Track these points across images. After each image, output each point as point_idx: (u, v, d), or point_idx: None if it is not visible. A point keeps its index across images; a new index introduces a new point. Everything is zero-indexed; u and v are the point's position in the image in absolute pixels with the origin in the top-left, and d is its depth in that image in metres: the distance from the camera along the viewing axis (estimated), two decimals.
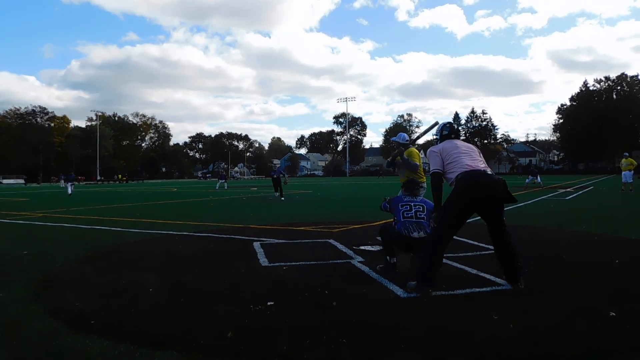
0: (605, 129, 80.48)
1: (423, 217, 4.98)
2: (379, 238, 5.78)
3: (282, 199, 19.04)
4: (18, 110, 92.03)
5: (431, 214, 4.89)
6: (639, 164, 25.95)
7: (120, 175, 74.89)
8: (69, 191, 25.43)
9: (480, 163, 4.39)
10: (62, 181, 49.52)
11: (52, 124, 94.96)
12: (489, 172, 4.30)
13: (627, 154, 22.04)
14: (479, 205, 4.26)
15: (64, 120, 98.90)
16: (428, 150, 4.67)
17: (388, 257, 5.20)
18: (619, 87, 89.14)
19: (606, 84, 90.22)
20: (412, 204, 5.08)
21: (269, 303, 3.95)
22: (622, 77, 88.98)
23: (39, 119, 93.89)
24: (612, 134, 78.97)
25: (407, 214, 5.00)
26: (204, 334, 3.27)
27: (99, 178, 76.82)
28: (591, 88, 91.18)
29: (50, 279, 5.02)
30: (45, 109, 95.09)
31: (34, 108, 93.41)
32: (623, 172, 21.07)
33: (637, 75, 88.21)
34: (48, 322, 3.61)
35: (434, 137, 4.96)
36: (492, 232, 4.37)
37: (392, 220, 5.32)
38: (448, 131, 4.77)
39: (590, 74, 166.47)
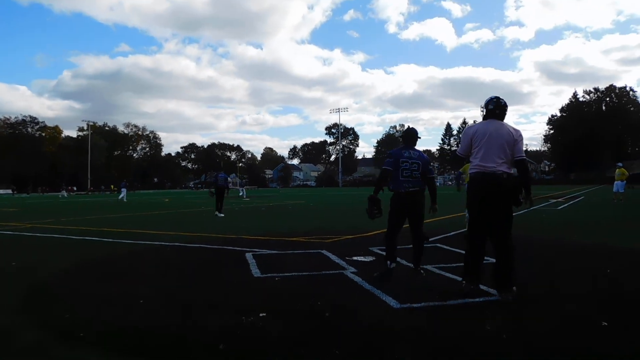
0: (595, 140, 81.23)
1: (417, 175, 5.29)
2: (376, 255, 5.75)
3: (222, 214, 15.38)
4: (8, 120, 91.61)
5: (427, 167, 5.37)
6: (632, 174, 26.09)
7: (112, 186, 74.29)
8: (120, 197, 31.12)
9: (498, 159, 4.35)
10: (64, 191, 52.40)
11: (43, 134, 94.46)
12: (498, 173, 4.32)
13: (620, 164, 22.18)
14: (487, 202, 4.37)
15: (56, 130, 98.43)
16: (479, 124, 4.65)
17: (388, 262, 5.28)
18: (607, 99, 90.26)
19: (595, 95, 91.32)
20: (410, 161, 5.30)
21: (261, 314, 3.92)
22: (610, 88, 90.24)
23: (29, 129, 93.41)
24: (602, 144, 79.76)
25: (405, 173, 5.26)
26: (196, 346, 3.23)
27: (90, 188, 76.27)
28: (581, 99, 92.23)
29: (40, 291, 4.96)
30: (35, 118, 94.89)
31: (25, 118, 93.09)
32: (615, 182, 21.20)
33: (625, 87, 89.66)
34: (37, 334, 3.55)
35: (481, 108, 4.97)
36: (493, 234, 4.42)
37: None
38: (493, 106, 4.63)
39: (579, 85, 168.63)
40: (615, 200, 20.31)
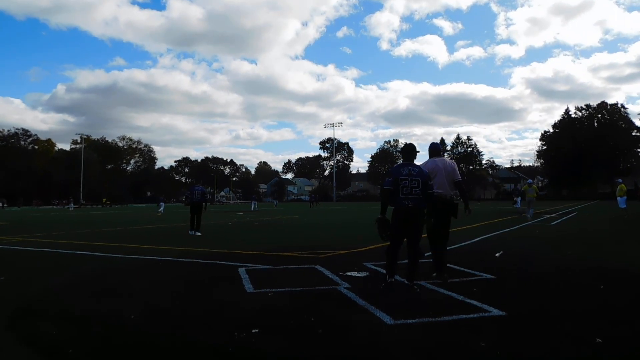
0: (587, 156, 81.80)
1: (417, 192, 5.37)
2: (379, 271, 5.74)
3: (199, 233, 13.80)
4: (1, 132, 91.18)
5: (427, 183, 5.45)
6: (629, 189, 26.17)
7: (104, 199, 73.79)
8: (161, 209, 33.36)
9: (447, 186, 6.16)
10: (72, 204, 57.36)
11: (36, 147, 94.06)
12: (445, 195, 6.11)
13: (620, 180, 22.27)
14: (438, 215, 6.09)
15: (49, 143, 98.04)
16: (430, 160, 6.34)
17: (387, 277, 5.34)
18: (599, 115, 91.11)
19: (587, 112, 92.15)
20: (409, 179, 5.39)
21: (253, 330, 3.87)
22: (602, 105, 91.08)
23: (22, 142, 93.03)
24: (595, 160, 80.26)
25: (405, 191, 5.36)
26: None
27: (82, 202, 75.74)
28: (573, 115, 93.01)
29: (28, 307, 4.87)
30: (28, 131, 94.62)
31: (17, 131, 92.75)
32: (618, 198, 21.27)
33: (616, 104, 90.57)
34: (22, 351, 3.48)
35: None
36: (440, 236, 6.12)
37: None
38: (434, 148, 6.55)
39: (569, 102, 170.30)
40: (627, 216, 20.15)
